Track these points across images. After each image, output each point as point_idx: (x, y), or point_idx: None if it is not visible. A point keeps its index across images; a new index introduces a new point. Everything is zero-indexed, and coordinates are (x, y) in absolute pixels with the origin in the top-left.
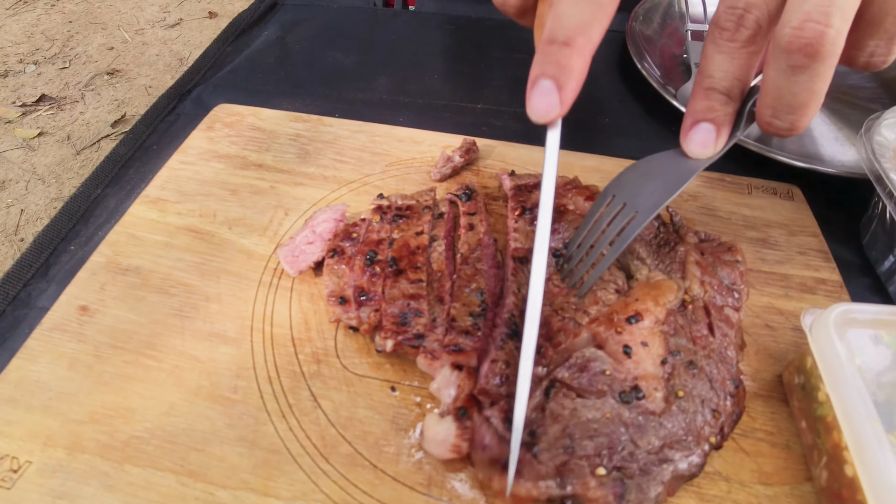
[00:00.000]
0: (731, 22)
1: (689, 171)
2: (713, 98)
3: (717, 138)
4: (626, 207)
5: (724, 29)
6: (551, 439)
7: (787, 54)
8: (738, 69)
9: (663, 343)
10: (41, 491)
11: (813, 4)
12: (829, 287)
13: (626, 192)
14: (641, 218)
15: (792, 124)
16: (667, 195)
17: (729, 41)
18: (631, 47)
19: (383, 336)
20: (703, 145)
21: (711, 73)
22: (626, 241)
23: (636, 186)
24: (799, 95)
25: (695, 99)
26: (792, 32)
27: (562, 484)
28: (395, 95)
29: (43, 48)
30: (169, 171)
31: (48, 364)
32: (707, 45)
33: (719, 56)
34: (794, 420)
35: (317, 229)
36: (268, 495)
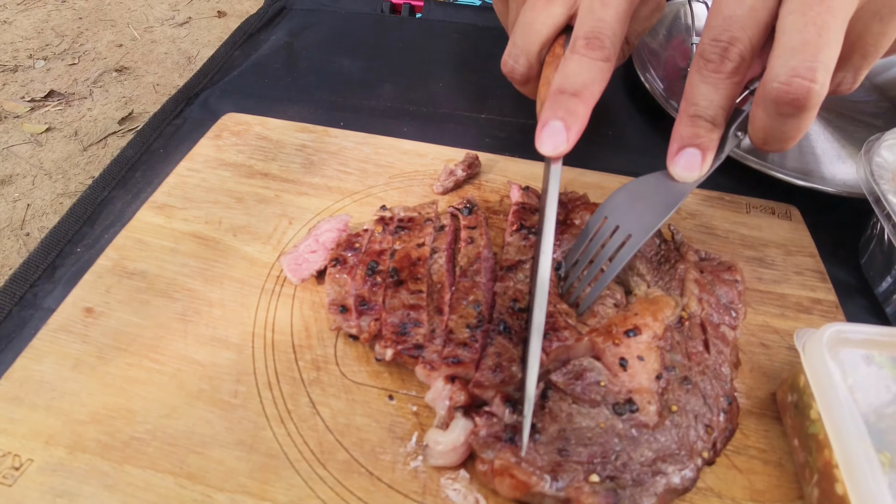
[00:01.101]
0: (715, 54)
1: (679, 194)
2: (699, 125)
3: (703, 163)
4: (619, 229)
5: (709, 60)
6: (550, 436)
7: (777, 105)
8: (722, 98)
9: (659, 358)
10: (42, 489)
11: (799, 60)
12: (824, 307)
13: (619, 213)
14: (636, 240)
15: (781, 148)
16: (659, 217)
17: (714, 72)
18: (635, 60)
19: (383, 345)
20: (689, 169)
21: (697, 101)
22: (622, 263)
23: (628, 208)
24: (788, 133)
25: (681, 125)
26: (780, 87)
27: (556, 485)
28: (399, 103)
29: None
30: (176, 177)
31: (52, 364)
32: (692, 74)
33: (704, 86)
34: (786, 438)
35: (320, 238)
36: (264, 499)
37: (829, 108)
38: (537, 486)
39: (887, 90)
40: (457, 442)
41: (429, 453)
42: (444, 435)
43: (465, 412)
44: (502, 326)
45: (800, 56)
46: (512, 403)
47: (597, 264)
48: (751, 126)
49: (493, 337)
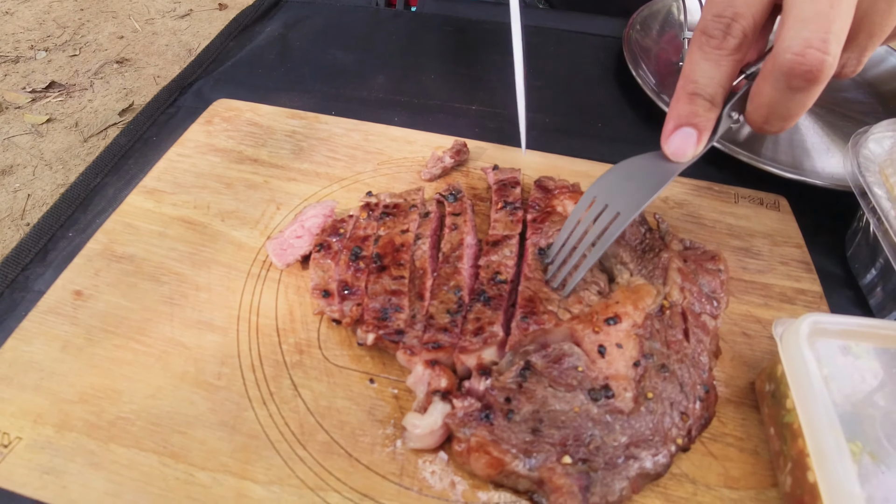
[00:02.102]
0: (718, 30)
1: (669, 173)
2: (697, 103)
3: (698, 142)
4: (607, 209)
5: (712, 37)
6: (524, 416)
7: (788, 77)
8: (722, 76)
9: (637, 346)
10: (29, 466)
11: (812, 31)
12: (808, 298)
13: (608, 193)
14: (623, 218)
15: (781, 129)
16: (647, 195)
17: (716, 49)
18: (627, 54)
19: (364, 330)
20: (684, 148)
21: (696, 78)
22: (609, 240)
23: (617, 188)
24: (792, 109)
25: (678, 103)
26: (793, 59)
27: (528, 463)
28: (391, 94)
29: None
30: (167, 162)
31: (42, 345)
32: (693, 51)
33: (705, 63)
34: (763, 427)
35: (305, 224)
36: (245, 478)
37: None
38: (511, 465)
39: (878, 85)
40: (434, 426)
41: (407, 436)
42: (422, 419)
43: (442, 396)
44: (483, 297)
45: (813, 26)
46: (487, 373)
47: (584, 244)
48: (752, 103)
49: (473, 305)
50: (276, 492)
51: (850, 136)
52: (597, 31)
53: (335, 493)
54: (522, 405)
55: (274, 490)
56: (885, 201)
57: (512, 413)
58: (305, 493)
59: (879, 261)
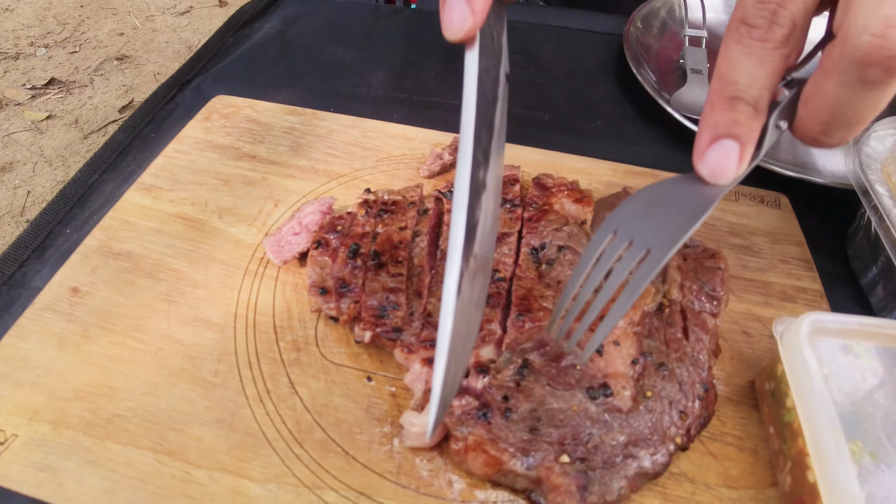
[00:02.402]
0: (762, 19)
1: (708, 200)
2: (739, 109)
3: (741, 159)
4: (633, 245)
5: (755, 27)
6: (521, 414)
7: (863, 67)
8: (768, 75)
9: (636, 344)
10: (25, 463)
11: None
12: (809, 296)
13: (631, 226)
14: (657, 256)
15: (843, 139)
16: (684, 228)
17: (760, 41)
18: (627, 51)
19: (362, 327)
20: (724, 166)
21: (736, 79)
22: (641, 287)
23: (643, 219)
24: (862, 112)
25: (714, 110)
26: (872, 41)
27: (526, 462)
28: (391, 92)
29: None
30: (164, 159)
31: (38, 342)
32: (730, 47)
33: (747, 59)
34: (763, 426)
35: (303, 221)
36: (242, 476)
37: None
38: (509, 463)
39: None
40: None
41: (404, 434)
42: (420, 417)
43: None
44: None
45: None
46: (484, 371)
47: (605, 291)
48: (809, 107)
49: None
50: (272, 490)
51: None
52: (597, 29)
53: (332, 491)
54: (520, 404)
55: (271, 488)
56: (886, 199)
57: (510, 412)
58: (302, 491)
59: (881, 259)
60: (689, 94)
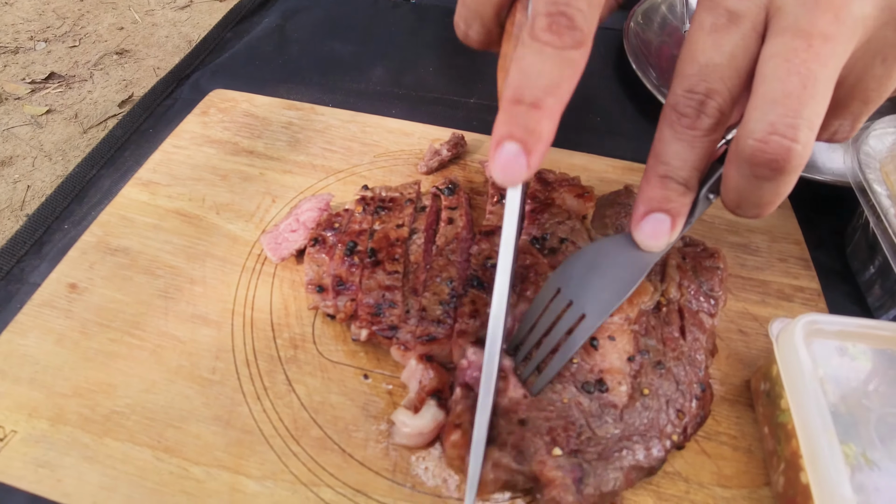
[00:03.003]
0: (690, 108)
1: (641, 267)
2: (669, 188)
3: (672, 230)
4: (572, 307)
5: (683, 115)
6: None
7: (751, 166)
8: (696, 158)
9: (632, 340)
10: (24, 459)
11: (779, 115)
12: (806, 295)
13: (573, 286)
14: (590, 323)
15: (757, 215)
16: (617, 297)
17: (688, 129)
18: (627, 47)
19: (358, 325)
20: (656, 237)
21: (668, 160)
22: (574, 348)
23: (583, 281)
24: (764, 198)
25: (649, 186)
26: (755, 145)
27: (519, 459)
28: (389, 87)
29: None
30: (162, 154)
31: (36, 339)
32: (663, 130)
33: (677, 144)
34: (757, 426)
35: (301, 217)
36: (239, 473)
37: None
38: (504, 467)
39: None
40: (424, 428)
41: (394, 432)
42: (414, 418)
43: (438, 401)
44: (475, 281)
45: (780, 110)
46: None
47: (549, 341)
48: (724, 187)
49: (467, 290)
50: (269, 487)
51: None
52: None
53: (328, 488)
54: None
55: (267, 485)
56: (884, 199)
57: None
58: (299, 488)
59: (878, 258)
60: None
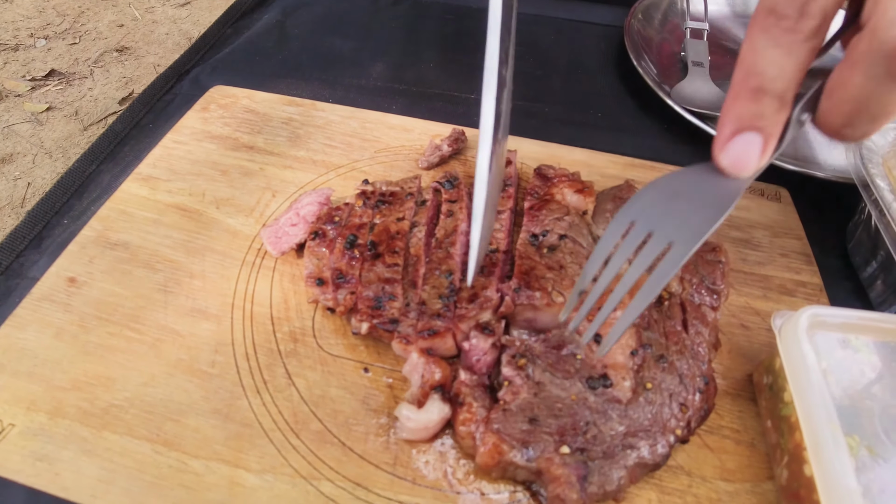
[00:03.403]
0: (793, 9)
1: (731, 193)
2: (764, 102)
3: (764, 152)
4: (653, 237)
5: (784, 17)
6: (521, 403)
7: (892, 60)
8: (796, 68)
9: (635, 335)
10: (23, 453)
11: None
12: (808, 290)
13: (650, 217)
14: (681, 250)
15: (866, 133)
16: (709, 222)
17: (789, 32)
18: (628, 43)
19: (359, 319)
20: (746, 159)
21: (763, 70)
22: (664, 280)
23: (663, 211)
24: (889, 106)
25: (738, 101)
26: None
27: (527, 454)
28: (390, 82)
29: (54, 23)
30: (162, 149)
31: (35, 332)
32: (756, 36)
33: (775, 50)
34: (760, 419)
35: (301, 212)
36: (238, 467)
37: None
38: (509, 454)
39: None
40: (429, 423)
41: (398, 427)
42: (419, 413)
43: (443, 395)
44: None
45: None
46: (489, 329)
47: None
48: (833, 99)
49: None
50: (269, 480)
51: None
52: (598, 21)
53: (328, 482)
54: (520, 391)
55: (267, 478)
56: (887, 193)
57: (510, 404)
58: (298, 481)
59: (880, 253)
60: (689, 86)
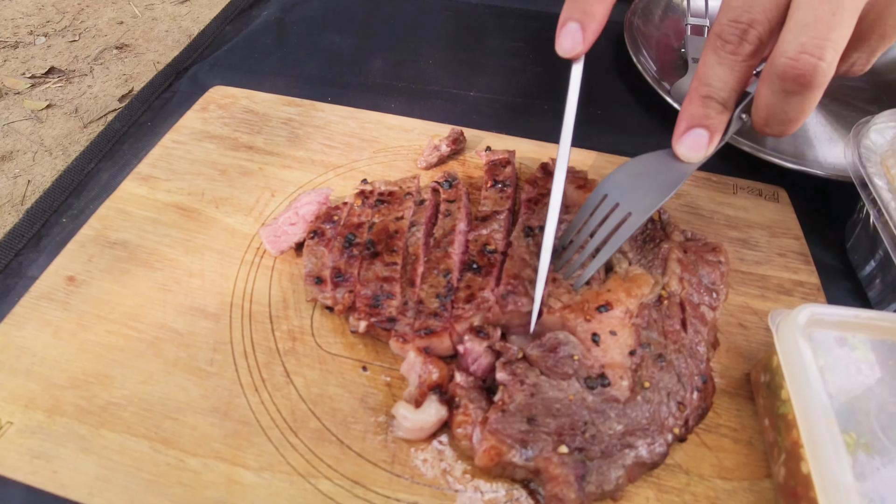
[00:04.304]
0: (734, 36)
1: (681, 174)
2: (710, 106)
3: (709, 143)
4: (619, 207)
5: (728, 42)
6: (518, 406)
7: (782, 81)
8: (735, 81)
9: (634, 334)
10: (20, 451)
11: (809, 37)
12: (806, 289)
13: (619, 191)
14: (636, 219)
15: (783, 132)
16: (660, 197)
17: (731, 54)
18: (628, 40)
19: (356, 317)
20: (695, 149)
21: (710, 81)
22: (622, 240)
23: (628, 187)
24: (790, 113)
25: (691, 104)
26: (787, 62)
27: (525, 453)
28: (389, 80)
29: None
30: (161, 149)
31: (34, 331)
32: (708, 54)
33: (720, 67)
34: (758, 418)
35: (300, 211)
36: (236, 465)
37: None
38: (508, 455)
39: (882, 74)
40: (426, 423)
41: (395, 426)
42: (416, 413)
43: (440, 397)
44: (474, 266)
45: (811, 32)
46: (484, 333)
47: (595, 240)
48: (755, 105)
49: (464, 275)
50: (266, 478)
51: (852, 126)
52: None
53: (326, 480)
54: (516, 395)
55: (265, 476)
56: (885, 192)
57: (508, 406)
58: (296, 479)
59: (879, 252)
60: (689, 83)
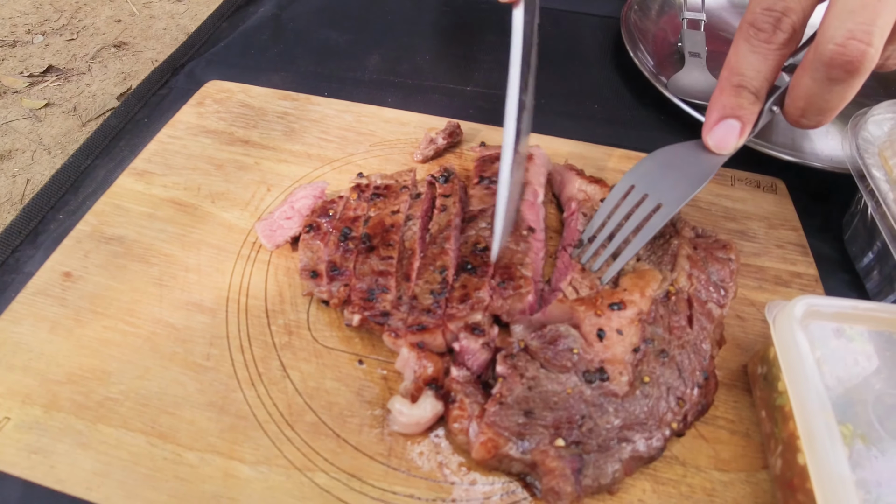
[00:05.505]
0: (768, 24)
1: (712, 165)
2: (743, 96)
3: (741, 134)
4: (648, 198)
5: (761, 30)
6: (516, 398)
7: (828, 68)
8: (769, 70)
9: (639, 332)
10: (18, 446)
11: (856, 22)
12: (804, 281)
13: (647, 182)
14: (668, 210)
15: (818, 123)
16: (692, 188)
17: (765, 42)
18: (625, 34)
19: (351, 311)
20: (727, 140)
21: (743, 71)
22: (653, 231)
23: (657, 177)
24: (831, 102)
25: (722, 94)
26: (835, 49)
27: (522, 446)
28: (385, 75)
29: (51, 19)
30: (157, 144)
31: (30, 326)
32: (740, 43)
33: (753, 56)
34: (755, 409)
35: (295, 205)
36: (233, 458)
37: None
38: (505, 447)
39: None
40: (421, 418)
41: (391, 420)
42: (411, 408)
43: (436, 392)
44: (468, 266)
45: (858, 18)
46: (479, 330)
47: (624, 231)
48: (791, 95)
49: (459, 276)
50: (263, 472)
51: (850, 118)
52: (594, 12)
53: (322, 473)
54: (514, 387)
55: (261, 470)
56: (883, 184)
57: (506, 398)
58: (293, 473)
59: (877, 244)
60: (686, 77)
